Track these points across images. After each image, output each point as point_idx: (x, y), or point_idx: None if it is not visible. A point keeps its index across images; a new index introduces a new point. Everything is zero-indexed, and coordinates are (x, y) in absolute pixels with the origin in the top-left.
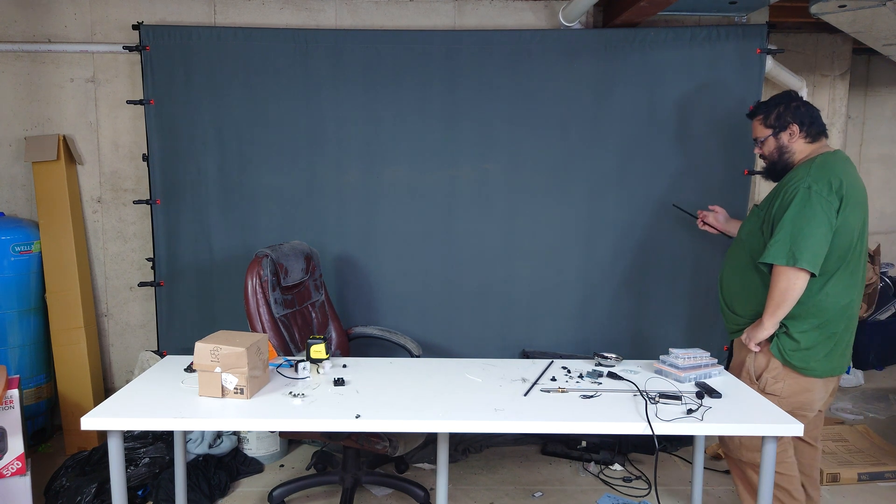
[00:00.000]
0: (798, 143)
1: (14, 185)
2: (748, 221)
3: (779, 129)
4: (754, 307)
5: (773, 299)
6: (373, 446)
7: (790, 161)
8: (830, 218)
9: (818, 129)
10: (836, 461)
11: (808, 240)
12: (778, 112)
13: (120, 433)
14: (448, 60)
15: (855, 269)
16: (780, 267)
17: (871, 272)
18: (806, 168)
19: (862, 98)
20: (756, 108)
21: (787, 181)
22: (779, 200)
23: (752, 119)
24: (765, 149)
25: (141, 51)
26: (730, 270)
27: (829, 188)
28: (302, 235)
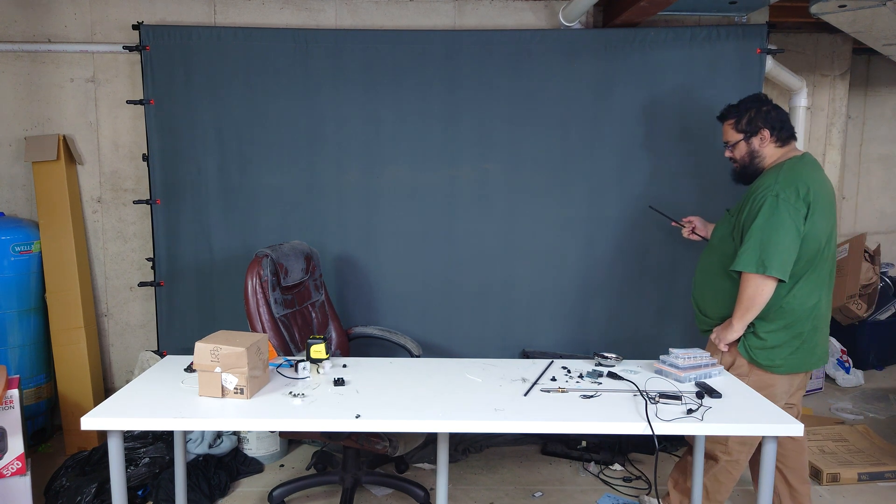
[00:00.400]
0: (768, 147)
1: (14, 185)
2: (720, 226)
3: (750, 133)
4: (723, 310)
5: (741, 304)
6: (373, 446)
7: (761, 165)
8: (798, 225)
9: (787, 133)
10: (836, 461)
11: (776, 247)
12: (749, 116)
13: (120, 433)
14: (448, 60)
15: (822, 271)
16: (749, 274)
17: (872, 272)
18: (774, 175)
19: (862, 98)
20: (727, 112)
21: (756, 188)
22: (748, 207)
23: (723, 122)
24: (736, 153)
25: (141, 51)
26: (701, 274)
27: (797, 195)
28: (302, 235)
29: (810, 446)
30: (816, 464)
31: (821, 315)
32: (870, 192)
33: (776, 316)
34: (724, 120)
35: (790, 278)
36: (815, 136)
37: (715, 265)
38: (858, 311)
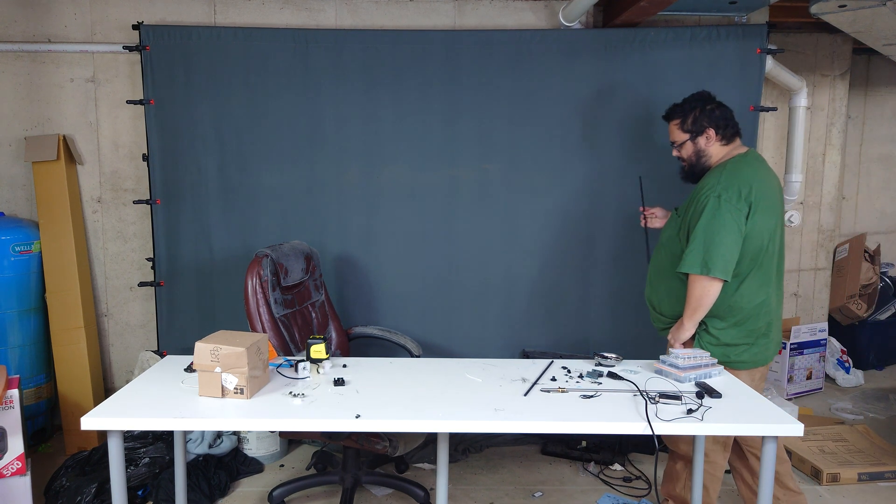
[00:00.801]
0: (714, 146)
1: (14, 185)
2: (668, 226)
3: (696, 133)
4: (677, 308)
5: (689, 304)
6: (373, 446)
7: (707, 164)
8: (740, 225)
9: (733, 130)
10: (836, 461)
11: (719, 248)
12: (694, 116)
13: (120, 433)
14: (448, 60)
15: (769, 268)
16: (694, 275)
17: (872, 272)
18: (717, 175)
19: (862, 98)
20: (672, 112)
21: (700, 188)
22: (692, 207)
23: (668, 122)
24: (683, 153)
25: (141, 51)
26: (655, 272)
27: (738, 195)
28: (302, 235)
29: (810, 446)
30: (816, 464)
31: (772, 310)
32: (870, 192)
33: (726, 314)
34: (669, 120)
35: (736, 277)
36: (815, 136)
37: (666, 263)
38: (858, 311)
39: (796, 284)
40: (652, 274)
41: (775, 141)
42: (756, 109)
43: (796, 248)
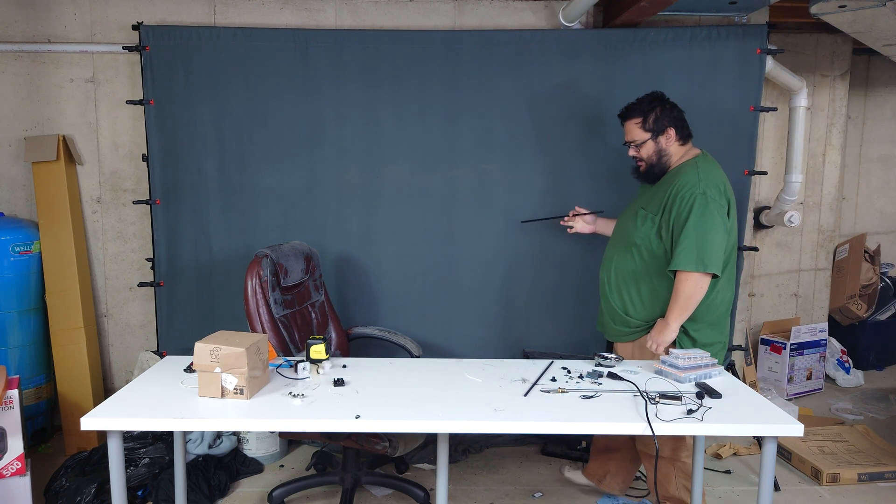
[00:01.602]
0: (674, 146)
1: (14, 185)
2: (640, 227)
3: (657, 132)
4: (651, 312)
5: (679, 303)
6: (373, 446)
7: (668, 164)
8: (724, 221)
9: (687, 131)
10: (836, 461)
11: (711, 245)
12: (655, 115)
13: (120, 433)
14: (448, 60)
15: (733, 264)
16: (687, 273)
17: (872, 272)
18: (694, 173)
19: (862, 98)
20: (631, 111)
21: (679, 187)
22: (675, 207)
23: (626, 121)
24: (643, 152)
25: (141, 51)
26: (623, 276)
27: (719, 192)
28: (302, 235)
29: (810, 446)
30: (816, 464)
31: (732, 309)
32: (870, 192)
33: (703, 314)
34: (627, 119)
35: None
36: (815, 136)
37: (639, 265)
38: (858, 311)
39: (796, 284)
40: (616, 277)
41: (775, 141)
42: (756, 109)
43: (796, 248)
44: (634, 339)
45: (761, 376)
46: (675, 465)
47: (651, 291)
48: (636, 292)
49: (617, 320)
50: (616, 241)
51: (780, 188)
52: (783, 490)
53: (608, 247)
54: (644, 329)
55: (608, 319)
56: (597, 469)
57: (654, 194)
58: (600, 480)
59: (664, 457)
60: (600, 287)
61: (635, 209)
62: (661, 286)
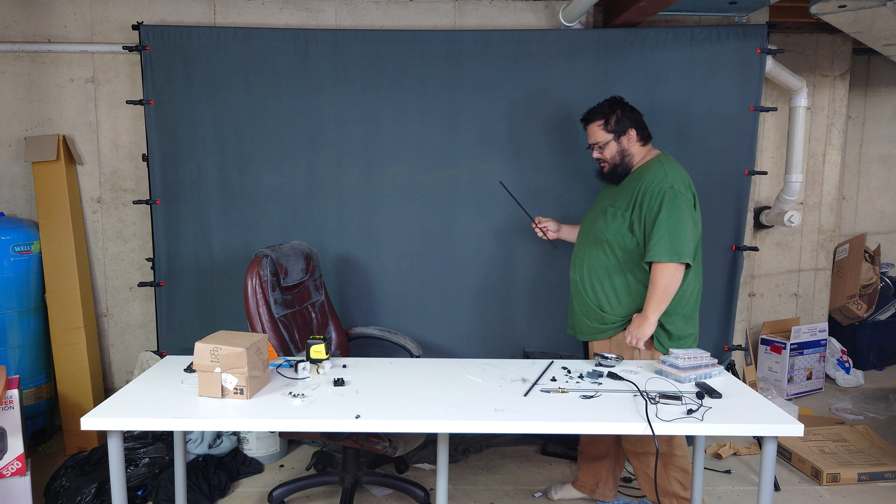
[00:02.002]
0: (635, 146)
1: (14, 185)
2: (610, 224)
3: (619, 133)
4: (626, 307)
5: (657, 294)
6: (373, 446)
7: (630, 164)
8: (692, 213)
9: (647, 132)
10: (836, 461)
11: (683, 236)
12: (617, 117)
13: (120, 433)
14: (448, 60)
15: (700, 257)
16: (663, 264)
17: (872, 272)
18: (660, 169)
19: (862, 98)
20: (593, 114)
21: (648, 183)
22: (646, 202)
23: (588, 124)
24: (606, 153)
25: (141, 51)
26: (596, 272)
27: (685, 186)
28: (302, 235)
29: (810, 446)
30: (816, 464)
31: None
32: (870, 192)
33: (676, 306)
34: (589, 122)
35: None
36: (815, 136)
37: (612, 261)
38: (858, 311)
39: (796, 284)
40: (590, 275)
41: (775, 141)
42: (756, 109)
43: (796, 248)
44: (611, 335)
45: (761, 376)
46: (670, 460)
47: (625, 285)
48: (610, 287)
49: (592, 317)
50: (585, 240)
51: (780, 188)
52: (783, 490)
53: (576, 248)
54: (620, 325)
55: (582, 318)
56: (588, 480)
57: (620, 192)
58: (593, 490)
59: (650, 450)
60: (572, 287)
61: (602, 208)
62: (635, 280)
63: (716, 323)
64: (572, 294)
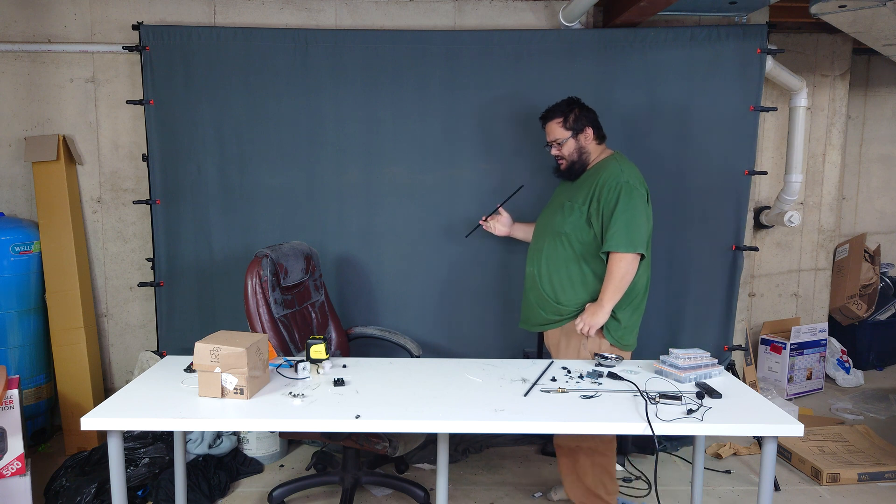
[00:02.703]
0: (591, 144)
1: (14, 185)
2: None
3: (577, 131)
4: (581, 296)
5: (613, 283)
6: (373, 446)
7: (587, 161)
8: (646, 208)
9: (602, 132)
10: (836, 461)
11: (638, 228)
12: (575, 115)
13: (120, 433)
14: (448, 60)
15: (650, 250)
16: (620, 254)
17: (872, 272)
18: (616, 166)
19: (862, 98)
20: (552, 112)
21: (605, 178)
22: (604, 196)
23: (547, 122)
24: (564, 150)
25: (141, 51)
26: (554, 264)
27: (640, 182)
28: (302, 235)
29: (810, 446)
30: (816, 464)
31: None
32: (870, 192)
33: (626, 297)
34: (548, 120)
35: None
36: (815, 136)
37: (569, 253)
38: (858, 311)
39: (796, 284)
40: (547, 266)
41: (775, 141)
42: (756, 109)
43: (796, 248)
44: (562, 325)
45: (761, 376)
46: (598, 459)
47: (580, 276)
48: (567, 278)
49: (549, 309)
50: (542, 235)
51: (780, 188)
52: (783, 490)
53: (533, 244)
54: (573, 315)
55: (537, 310)
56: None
57: (578, 188)
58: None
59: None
60: (528, 282)
61: (560, 203)
62: (590, 271)
63: (716, 323)
64: (528, 288)
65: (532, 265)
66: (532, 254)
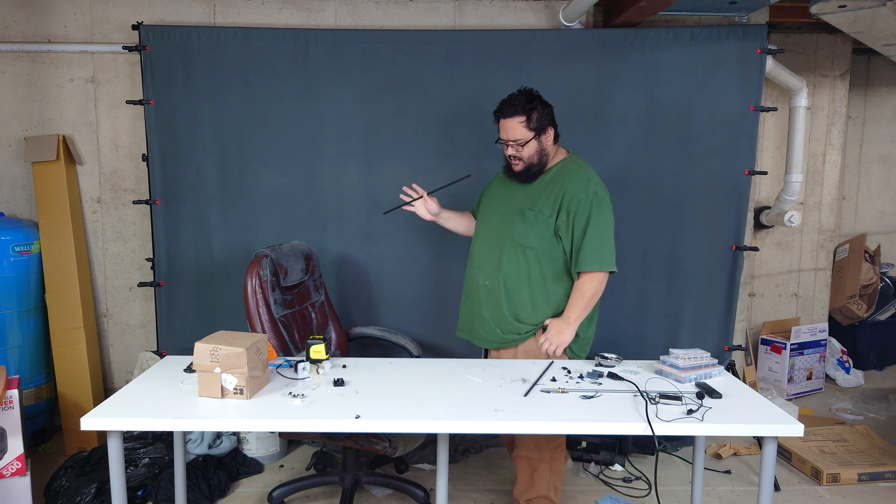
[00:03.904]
0: (550, 144)
1: (14, 185)
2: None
3: (539, 131)
4: (543, 314)
5: (583, 302)
6: (373, 447)
7: (545, 163)
8: (613, 219)
9: (558, 130)
10: (836, 461)
11: (609, 244)
12: (538, 113)
13: (119, 433)
14: (448, 60)
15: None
16: (592, 273)
17: (872, 272)
18: (581, 173)
19: (862, 98)
20: (513, 109)
21: (574, 189)
22: (574, 209)
23: (506, 118)
24: (525, 152)
25: (141, 51)
26: (515, 280)
27: (605, 189)
28: (302, 235)
29: (810, 447)
30: (816, 464)
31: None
32: (870, 192)
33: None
34: (509, 116)
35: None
36: (815, 136)
37: (534, 268)
38: (858, 311)
39: (796, 284)
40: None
41: (775, 141)
42: (756, 109)
43: (796, 248)
44: (518, 344)
45: (761, 376)
46: (554, 465)
47: (544, 294)
48: (528, 296)
49: (506, 328)
50: (497, 243)
51: (780, 188)
52: (783, 490)
53: (484, 252)
54: (531, 333)
55: (492, 328)
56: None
57: (538, 194)
58: None
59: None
60: (482, 293)
61: (518, 209)
62: (555, 289)
63: (716, 323)
64: (480, 301)
65: (487, 277)
66: (485, 264)
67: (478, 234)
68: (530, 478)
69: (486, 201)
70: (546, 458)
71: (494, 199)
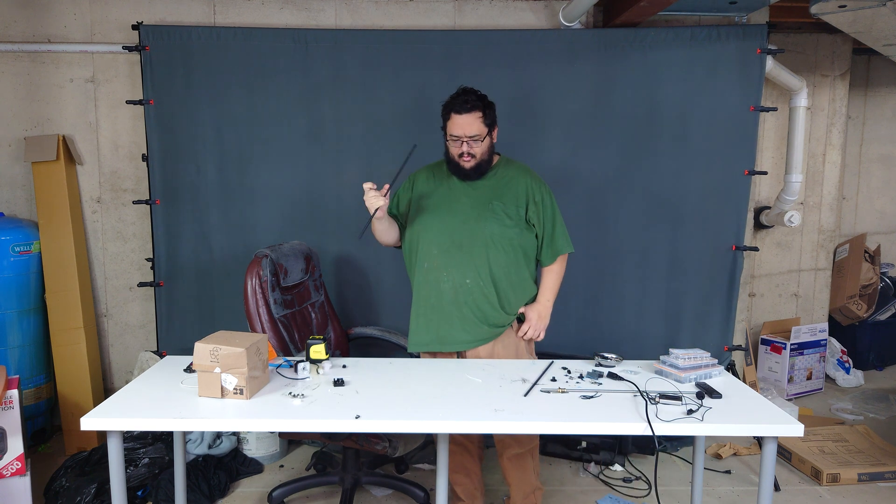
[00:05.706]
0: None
1: (14, 185)
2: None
3: (491, 127)
4: (522, 301)
5: (557, 283)
6: (372, 447)
7: (491, 160)
8: None
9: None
10: (836, 461)
11: (565, 227)
12: (490, 110)
13: (119, 433)
14: (448, 60)
15: None
16: (564, 255)
17: (872, 272)
18: (526, 170)
19: (862, 98)
20: (471, 104)
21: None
22: (539, 200)
23: (464, 114)
24: (480, 148)
25: (141, 51)
26: (502, 270)
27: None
28: (302, 235)
29: (810, 447)
30: (816, 464)
31: None
32: (870, 192)
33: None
34: (467, 112)
35: None
36: (815, 136)
37: (511, 260)
38: (858, 311)
39: (796, 285)
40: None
41: (775, 141)
42: (756, 109)
43: (796, 248)
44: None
45: (761, 376)
46: (533, 452)
47: (523, 281)
48: (509, 286)
49: (491, 321)
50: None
51: (780, 188)
52: (783, 490)
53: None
54: (508, 325)
55: (477, 326)
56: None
57: (496, 190)
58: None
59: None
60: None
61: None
62: (528, 275)
63: (716, 323)
64: (458, 302)
65: (468, 276)
66: (460, 264)
67: (432, 237)
68: (522, 476)
69: (429, 202)
70: (528, 451)
71: (438, 199)
